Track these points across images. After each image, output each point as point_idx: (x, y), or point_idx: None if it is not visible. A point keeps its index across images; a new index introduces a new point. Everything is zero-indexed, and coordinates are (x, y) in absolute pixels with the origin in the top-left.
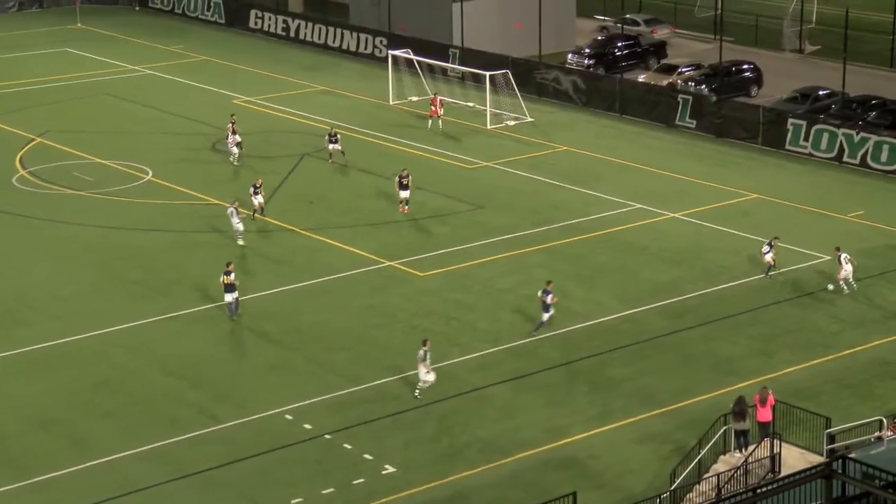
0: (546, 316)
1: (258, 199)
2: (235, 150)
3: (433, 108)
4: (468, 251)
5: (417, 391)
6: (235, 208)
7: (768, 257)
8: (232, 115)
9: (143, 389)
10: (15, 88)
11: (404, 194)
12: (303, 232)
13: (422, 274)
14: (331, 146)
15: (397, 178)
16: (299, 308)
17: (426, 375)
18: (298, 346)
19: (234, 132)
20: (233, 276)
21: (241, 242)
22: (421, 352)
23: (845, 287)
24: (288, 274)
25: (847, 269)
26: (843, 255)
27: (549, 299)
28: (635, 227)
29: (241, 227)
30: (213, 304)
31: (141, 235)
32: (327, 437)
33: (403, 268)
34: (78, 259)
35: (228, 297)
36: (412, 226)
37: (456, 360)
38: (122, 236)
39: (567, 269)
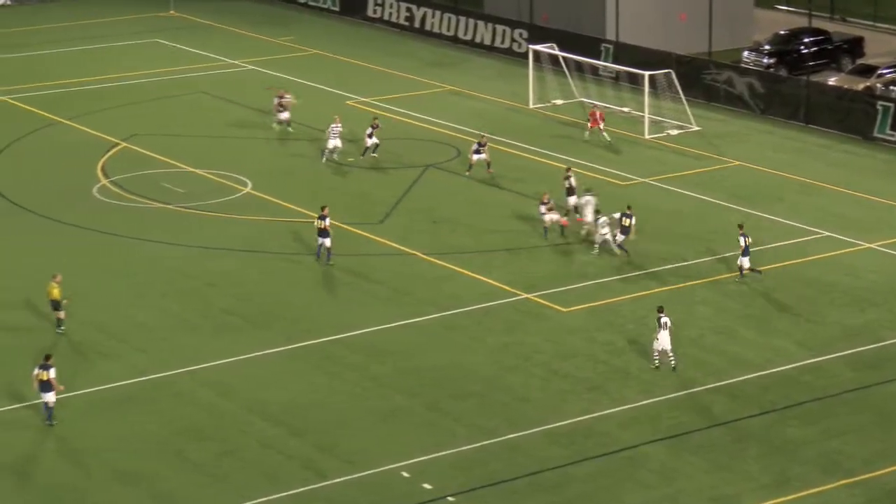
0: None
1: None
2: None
3: (592, 120)
4: (619, 283)
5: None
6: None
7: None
8: (375, 119)
9: (238, 437)
10: (97, 85)
11: (574, 200)
12: (425, 257)
13: (565, 309)
14: (475, 157)
15: (567, 182)
16: (420, 346)
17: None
18: (418, 391)
19: (371, 135)
20: (328, 220)
21: (330, 158)
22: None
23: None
24: (407, 306)
25: (604, 232)
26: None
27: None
28: (822, 259)
29: (338, 143)
30: (318, 340)
31: (237, 258)
32: (450, 499)
33: (543, 301)
34: (165, 283)
35: (323, 241)
36: (554, 252)
37: (604, 413)
38: (216, 258)
39: (737, 307)
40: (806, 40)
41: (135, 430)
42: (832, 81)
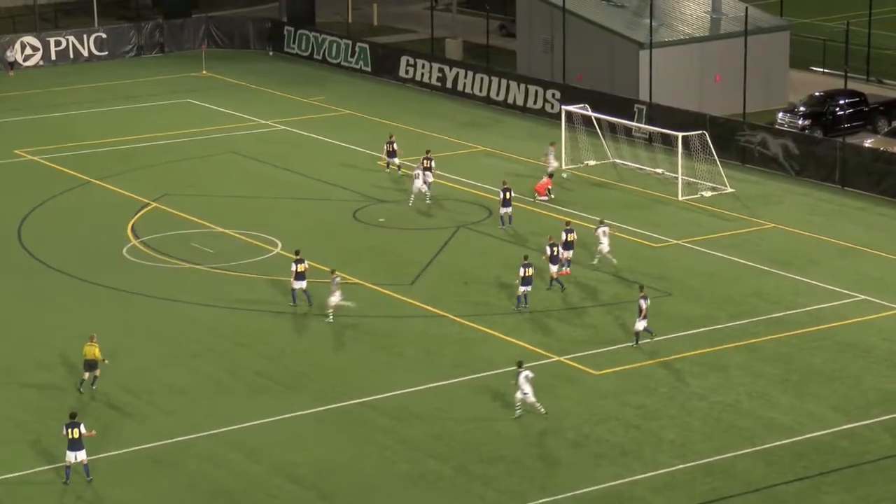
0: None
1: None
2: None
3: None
4: (652, 346)
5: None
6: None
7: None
8: (427, 151)
9: (266, 501)
10: (129, 145)
11: (568, 254)
12: (456, 318)
13: (596, 372)
14: (503, 209)
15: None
16: (449, 409)
17: None
18: (448, 455)
19: (427, 168)
20: (306, 263)
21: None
22: None
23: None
24: (437, 368)
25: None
26: (602, 230)
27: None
28: (858, 323)
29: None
30: (347, 402)
31: (266, 319)
32: None
33: (574, 364)
34: (194, 344)
35: (297, 285)
36: (586, 315)
37: (637, 478)
38: (245, 319)
39: (772, 371)
40: (841, 102)
41: (162, 493)
42: (868, 143)
